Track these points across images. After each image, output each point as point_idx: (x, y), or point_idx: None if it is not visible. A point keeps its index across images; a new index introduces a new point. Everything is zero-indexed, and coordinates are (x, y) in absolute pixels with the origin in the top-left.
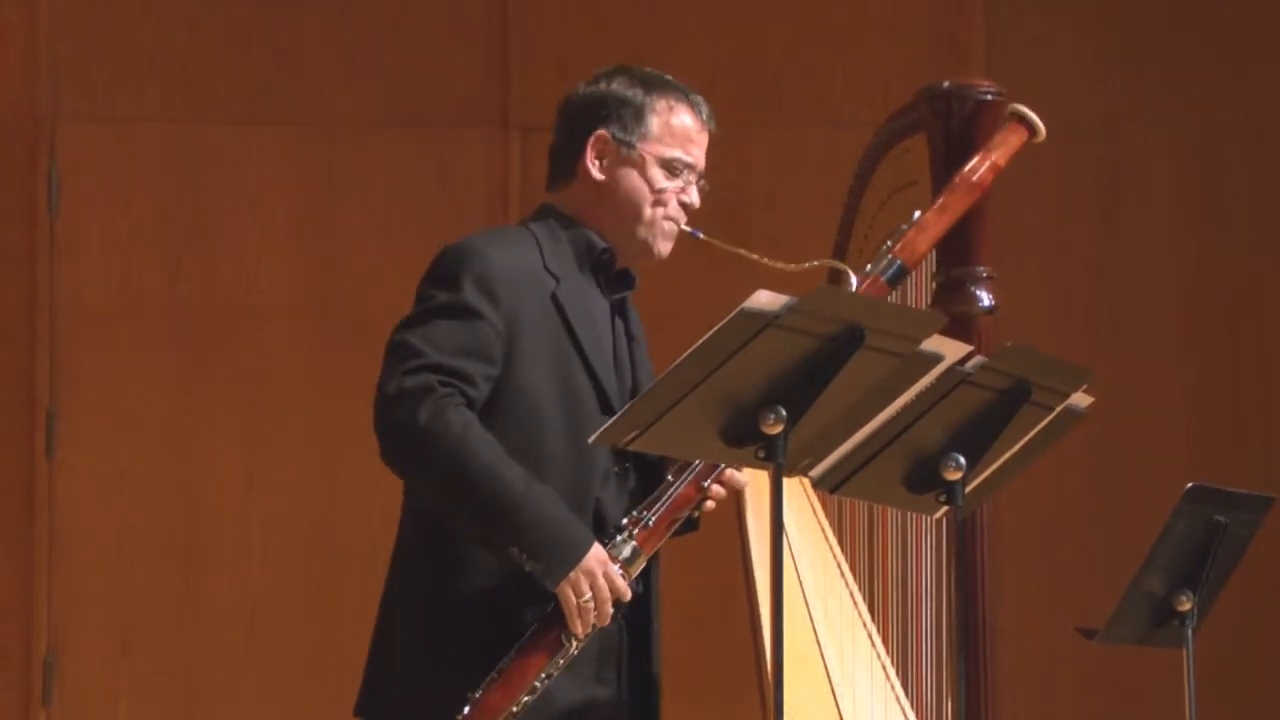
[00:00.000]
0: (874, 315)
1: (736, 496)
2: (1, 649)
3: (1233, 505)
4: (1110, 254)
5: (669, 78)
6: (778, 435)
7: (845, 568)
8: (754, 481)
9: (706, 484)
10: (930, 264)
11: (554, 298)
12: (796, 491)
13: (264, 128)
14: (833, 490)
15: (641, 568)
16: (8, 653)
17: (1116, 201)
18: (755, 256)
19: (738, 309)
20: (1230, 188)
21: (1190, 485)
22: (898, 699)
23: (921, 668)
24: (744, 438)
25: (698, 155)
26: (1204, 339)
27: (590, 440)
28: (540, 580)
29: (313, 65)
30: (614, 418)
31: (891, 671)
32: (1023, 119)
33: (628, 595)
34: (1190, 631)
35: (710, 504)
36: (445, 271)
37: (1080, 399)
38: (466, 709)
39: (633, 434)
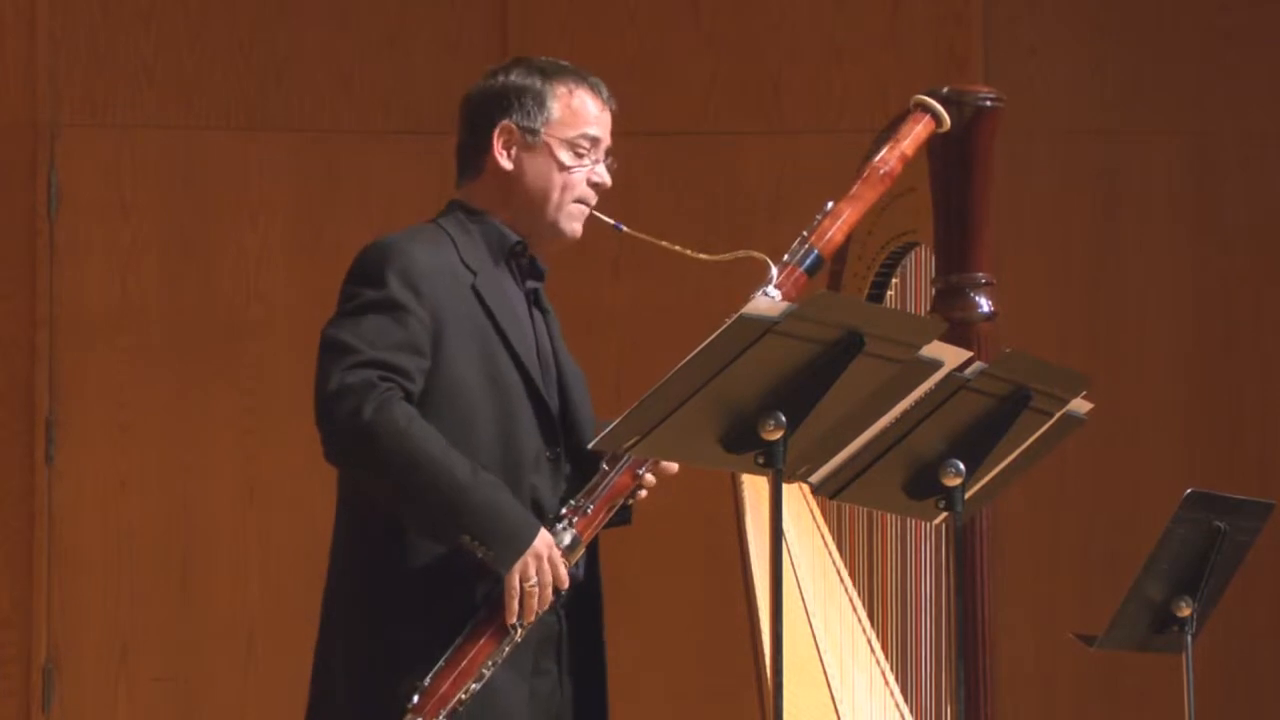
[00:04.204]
0: (873, 321)
1: (735, 502)
2: (1, 657)
3: (1232, 511)
4: (1109, 261)
5: (566, 63)
6: (777, 441)
7: (845, 574)
8: (754, 487)
9: (642, 471)
10: (930, 270)
11: (474, 289)
12: (796, 497)
13: (264, 136)
14: (832, 496)
15: (580, 555)
16: (7, 660)
17: (1115, 210)
18: (678, 248)
19: (737, 314)
20: (1227, 197)
21: (1189, 491)
22: (897, 705)
23: (921, 674)
24: (743, 443)
25: (602, 134)
26: (1202, 346)
27: (590, 446)
28: (492, 566)
29: (313, 74)
30: (613, 423)
31: (891, 677)
32: (927, 109)
33: (566, 582)
34: (1190, 637)
35: (643, 493)
36: (369, 269)
37: (1079, 405)
38: (416, 698)
39: (633, 440)
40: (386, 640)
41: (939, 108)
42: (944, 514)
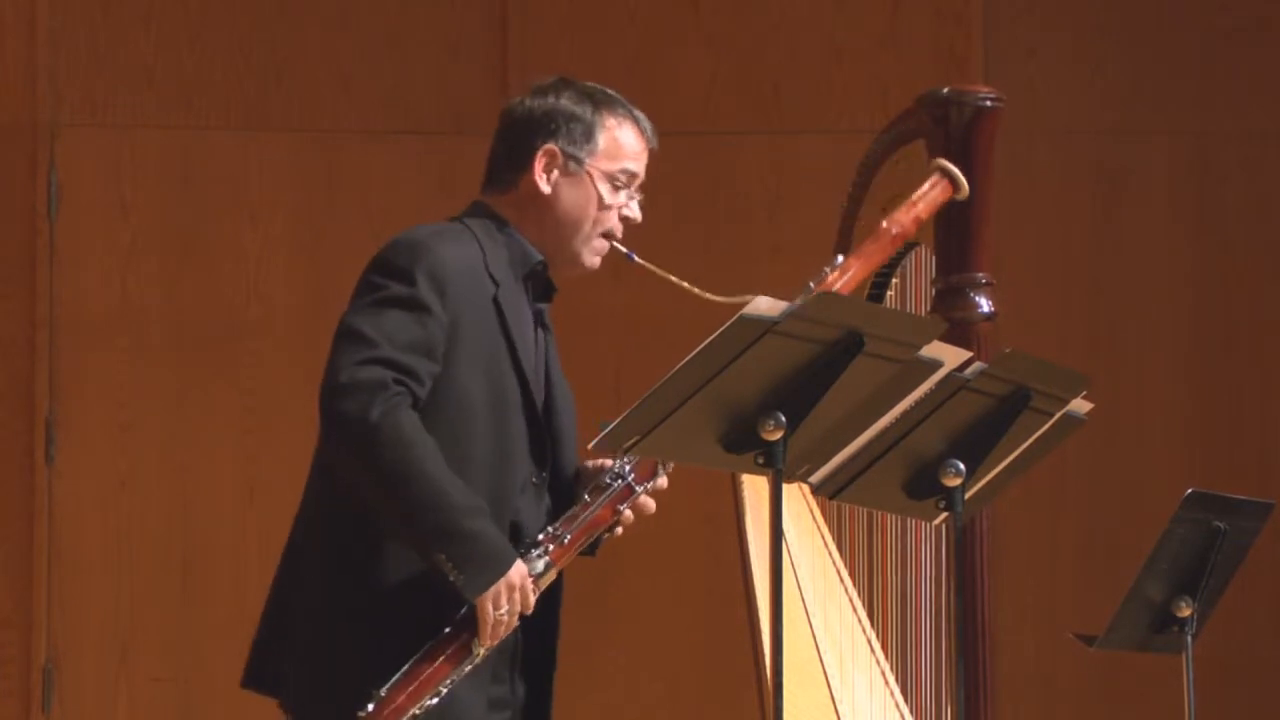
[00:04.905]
0: (873, 321)
1: (735, 502)
2: (1, 656)
3: (1232, 511)
4: (1109, 261)
5: (615, 94)
6: (777, 441)
7: (845, 574)
8: (754, 487)
9: (622, 508)
10: (930, 270)
11: (495, 301)
12: (796, 498)
13: (264, 136)
14: (832, 496)
15: (550, 582)
16: (7, 660)
17: (1115, 210)
18: (686, 285)
19: (737, 315)
20: (1228, 197)
21: (1189, 491)
22: (897, 705)
23: (921, 674)
24: (744, 444)
25: (640, 170)
26: (1202, 346)
27: (590, 446)
28: (460, 591)
29: (313, 74)
30: (613, 423)
31: (891, 678)
32: (946, 173)
33: (531, 609)
34: (1190, 638)
35: (619, 530)
36: (399, 263)
37: (1079, 405)
38: (371, 706)
39: (633, 439)
40: (352, 640)
41: (959, 175)
42: (944, 514)
